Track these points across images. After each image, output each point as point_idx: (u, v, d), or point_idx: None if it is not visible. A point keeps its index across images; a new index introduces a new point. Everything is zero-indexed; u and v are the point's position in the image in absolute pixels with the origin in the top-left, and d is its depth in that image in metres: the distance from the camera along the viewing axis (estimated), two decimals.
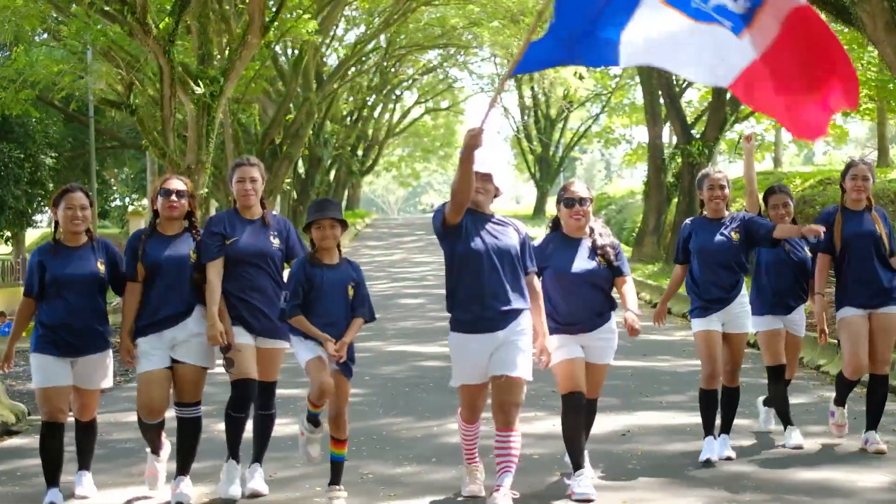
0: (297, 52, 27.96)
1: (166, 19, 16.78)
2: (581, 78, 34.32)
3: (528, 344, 4.81)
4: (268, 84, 29.99)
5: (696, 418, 6.44)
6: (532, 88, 42.59)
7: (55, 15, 18.49)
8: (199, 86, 16.97)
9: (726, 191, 5.79)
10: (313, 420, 4.89)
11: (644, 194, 25.02)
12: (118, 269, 5.23)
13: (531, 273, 4.91)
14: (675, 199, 22.37)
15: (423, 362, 9.72)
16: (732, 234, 5.69)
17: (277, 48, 30.17)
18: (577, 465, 5.02)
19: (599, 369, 5.21)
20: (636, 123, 42.77)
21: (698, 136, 20.62)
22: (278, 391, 5.44)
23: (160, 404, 5.05)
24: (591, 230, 5.21)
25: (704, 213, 5.88)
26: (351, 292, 4.90)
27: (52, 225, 5.30)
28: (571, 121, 46.22)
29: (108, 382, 5.30)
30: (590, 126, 45.28)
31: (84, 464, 5.39)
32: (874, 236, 5.86)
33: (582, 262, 5.11)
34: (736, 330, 5.74)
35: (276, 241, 5.23)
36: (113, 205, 41.67)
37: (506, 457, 4.71)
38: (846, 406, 6.13)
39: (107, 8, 15.76)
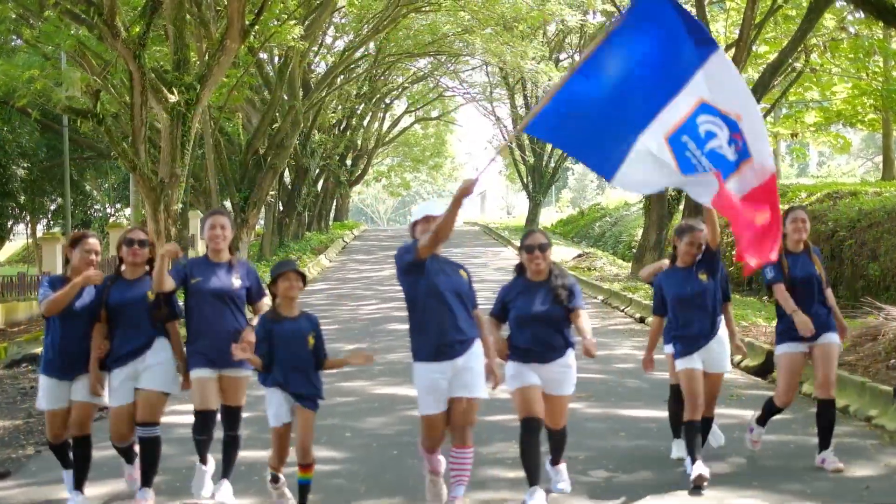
0: (282, 59, 26.81)
1: (141, 22, 15.67)
2: None
3: (482, 367, 5.42)
4: (253, 93, 28.89)
5: (758, 502, 5.53)
6: (525, 97, 41.52)
7: (14, 16, 17.27)
8: (173, 93, 15.82)
9: (703, 248, 6.19)
10: (274, 477, 5.53)
11: (644, 208, 23.92)
12: None
13: (477, 307, 5.49)
14: (678, 214, 21.31)
15: (414, 411, 8.48)
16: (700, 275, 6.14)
17: (264, 56, 29.12)
18: (533, 481, 5.50)
19: (558, 400, 5.61)
20: None
21: None
22: None
23: (127, 433, 5.79)
24: (550, 273, 5.69)
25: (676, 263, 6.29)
26: (311, 342, 5.48)
27: (64, 262, 5.96)
28: None
29: (102, 400, 5.84)
30: None
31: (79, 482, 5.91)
32: (814, 277, 6.35)
33: (540, 304, 5.60)
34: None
35: (238, 282, 5.81)
36: (96, 216, 40.44)
37: (460, 470, 5.31)
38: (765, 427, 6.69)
39: (72, 9, 14.60)
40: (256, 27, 17.36)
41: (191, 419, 5.86)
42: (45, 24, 16.37)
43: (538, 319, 5.57)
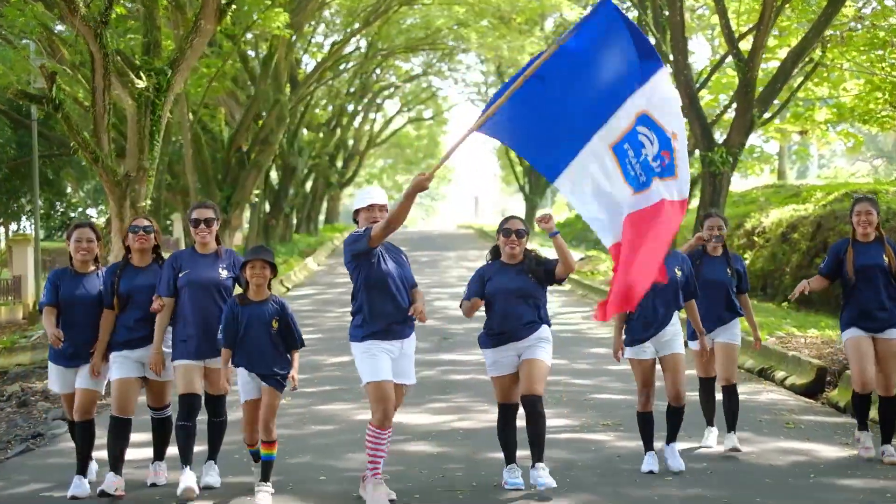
0: (268, 50, 25.38)
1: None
2: None
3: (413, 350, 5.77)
4: (237, 87, 27.43)
5: None
6: None
7: None
8: (140, 78, 14.32)
9: None
10: (254, 455, 5.84)
11: None
12: None
13: (416, 286, 5.77)
14: (688, 214, 19.93)
15: (408, 445, 6.99)
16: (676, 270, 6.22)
17: (251, 53, 27.71)
18: (510, 460, 5.81)
19: (536, 364, 5.73)
20: None
21: (720, 141, 18.04)
22: None
23: (130, 404, 5.90)
24: (525, 256, 5.91)
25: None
26: (275, 325, 5.71)
27: (69, 255, 6.16)
28: None
29: (101, 385, 6.11)
30: None
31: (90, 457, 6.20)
32: (881, 267, 6.33)
33: (514, 279, 5.85)
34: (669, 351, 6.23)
35: (224, 273, 5.97)
36: (79, 218, 38.90)
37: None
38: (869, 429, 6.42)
39: None
40: (234, 7, 15.86)
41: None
42: (6, 6, 14.94)
43: (515, 294, 5.81)
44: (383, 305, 5.50)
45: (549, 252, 5.83)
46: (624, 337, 6.26)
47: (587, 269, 23.63)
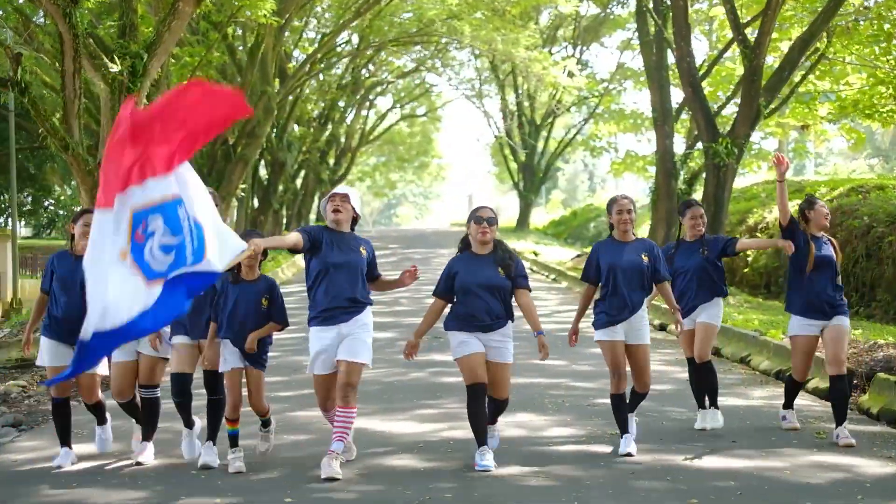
0: (255, 40, 24.57)
1: None
2: (571, 75, 31.06)
3: (369, 335, 5.95)
4: (224, 79, 26.63)
5: None
6: (516, 91, 39.34)
7: None
8: (114, 62, 13.52)
9: (633, 214, 6.43)
10: (232, 440, 6.04)
11: (651, 203, 21.87)
12: None
13: (379, 275, 6.23)
14: None
15: (391, 459, 6.19)
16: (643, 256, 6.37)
17: (241, 47, 26.91)
18: (481, 442, 5.91)
19: (500, 367, 5.99)
20: (623, 131, 39.82)
21: (724, 132, 17.26)
22: None
23: (127, 389, 6.36)
24: (495, 247, 6.10)
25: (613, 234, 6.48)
26: (265, 303, 6.05)
27: (70, 238, 6.49)
28: (556, 128, 43.02)
29: (103, 369, 6.38)
30: (575, 135, 42.14)
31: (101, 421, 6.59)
32: (833, 260, 6.73)
33: (484, 273, 6.00)
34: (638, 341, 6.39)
35: None
36: (66, 214, 37.97)
37: (341, 428, 5.78)
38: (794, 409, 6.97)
39: None
40: None
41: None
42: None
43: (483, 288, 5.93)
44: (322, 293, 5.82)
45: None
46: (594, 320, 6.40)
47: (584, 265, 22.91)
